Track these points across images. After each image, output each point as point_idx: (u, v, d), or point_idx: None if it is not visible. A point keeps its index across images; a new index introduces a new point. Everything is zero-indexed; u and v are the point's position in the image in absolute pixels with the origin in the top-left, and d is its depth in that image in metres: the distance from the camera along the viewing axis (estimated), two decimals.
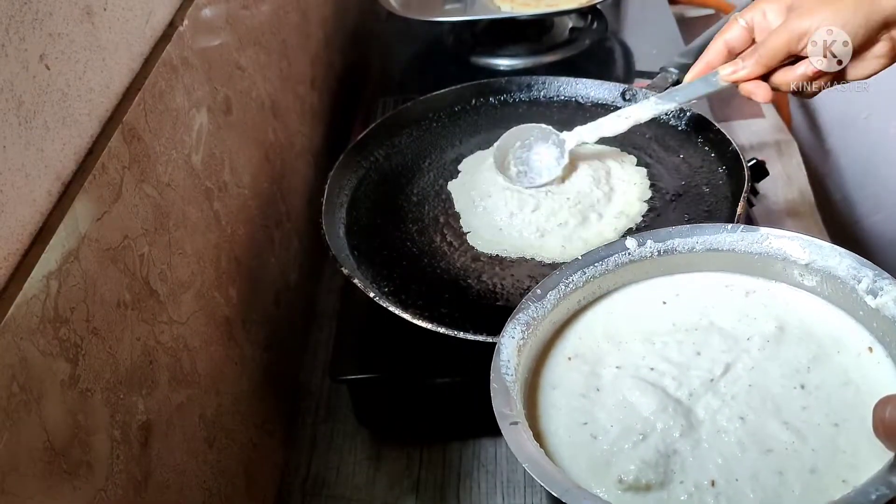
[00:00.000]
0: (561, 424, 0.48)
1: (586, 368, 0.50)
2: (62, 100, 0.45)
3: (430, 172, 0.80)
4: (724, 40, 0.65)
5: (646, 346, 0.50)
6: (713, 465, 0.44)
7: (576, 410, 0.48)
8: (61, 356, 0.41)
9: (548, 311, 0.51)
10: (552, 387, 0.50)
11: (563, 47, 1.04)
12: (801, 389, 0.47)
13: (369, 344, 0.70)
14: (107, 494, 0.44)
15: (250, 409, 0.66)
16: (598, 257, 0.53)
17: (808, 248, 0.51)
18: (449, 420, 0.72)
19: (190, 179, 0.58)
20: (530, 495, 0.67)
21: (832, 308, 0.50)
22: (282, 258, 0.78)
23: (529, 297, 0.51)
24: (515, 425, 0.44)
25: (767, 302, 0.52)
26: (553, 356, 0.51)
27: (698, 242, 0.53)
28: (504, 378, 0.47)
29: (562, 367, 0.51)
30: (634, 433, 0.46)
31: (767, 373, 0.47)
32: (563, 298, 0.51)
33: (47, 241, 0.41)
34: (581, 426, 0.47)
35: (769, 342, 0.49)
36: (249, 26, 0.75)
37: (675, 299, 0.53)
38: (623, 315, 0.53)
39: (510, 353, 0.48)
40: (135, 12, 0.54)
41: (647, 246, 0.53)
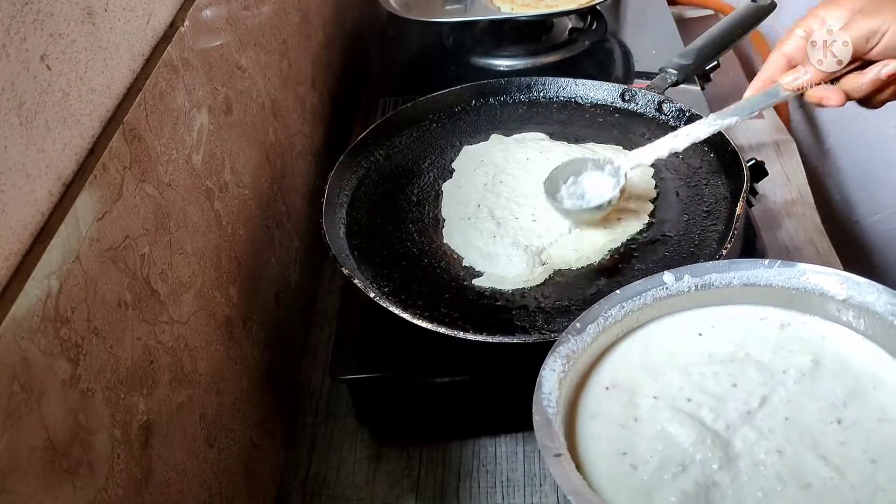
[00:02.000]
0: (601, 455, 0.48)
1: (624, 398, 0.50)
2: (63, 100, 0.45)
3: (430, 173, 0.80)
4: (782, 52, 0.63)
5: (682, 377, 0.50)
6: (753, 498, 0.44)
7: (615, 440, 0.48)
8: (62, 356, 0.41)
9: (587, 343, 0.51)
10: (591, 416, 0.50)
11: (562, 48, 1.04)
12: (837, 424, 0.46)
13: (369, 344, 0.70)
14: (107, 494, 0.44)
15: (251, 409, 0.66)
16: (636, 292, 0.54)
17: (846, 283, 0.51)
18: (449, 420, 0.72)
19: (191, 179, 0.59)
20: (530, 494, 0.68)
21: (869, 343, 0.50)
22: (282, 258, 0.78)
23: (570, 330, 0.52)
24: (559, 457, 0.45)
25: (803, 335, 0.52)
26: (591, 386, 0.52)
27: (735, 277, 0.53)
28: (546, 410, 0.47)
29: (600, 396, 0.51)
30: (674, 464, 0.46)
31: (804, 406, 0.47)
32: (602, 332, 0.52)
33: (48, 241, 0.41)
34: (621, 456, 0.47)
35: (805, 376, 0.49)
36: (250, 27, 0.76)
37: (710, 331, 0.53)
38: (659, 346, 0.53)
39: (551, 385, 0.48)
40: (136, 13, 0.54)
41: (684, 281, 0.54)
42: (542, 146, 0.80)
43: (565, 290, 0.65)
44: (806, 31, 0.62)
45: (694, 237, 0.68)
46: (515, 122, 0.86)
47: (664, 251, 0.68)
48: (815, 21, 0.61)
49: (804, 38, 0.62)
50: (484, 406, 0.70)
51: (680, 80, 0.85)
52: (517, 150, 0.80)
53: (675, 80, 0.85)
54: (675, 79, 0.84)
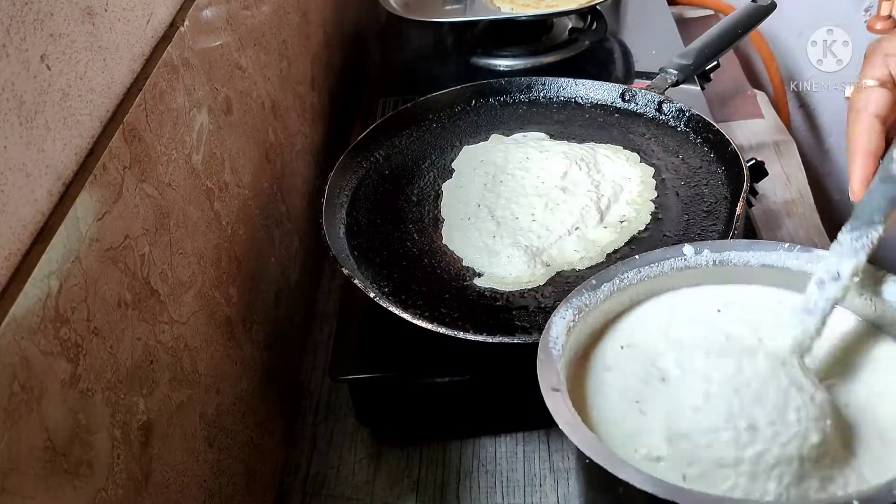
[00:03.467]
0: (610, 400, 0.49)
1: (643, 358, 0.51)
2: (63, 100, 0.45)
3: (429, 173, 0.80)
4: (869, 116, 0.51)
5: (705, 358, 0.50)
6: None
7: (629, 390, 0.49)
8: (62, 356, 0.41)
9: (600, 300, 0.52)
10: (605, 369, 0.51)
11: (562, 48, 1.04)
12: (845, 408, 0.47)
13: (369, 344, 0.70)
14: (107, 494, 0.44)
15: (250, 409, 0.66)
16: (655, 259, 0.54)
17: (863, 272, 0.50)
18: (449, 420, 0.72)
19: (190, 179, 0.59)
20: (530, 494, 0.68)
21: (874, 330, 0.51)
22: (282, 258, 0.78)
23: (584, 285, 0.53)
24: (556, 392, 0.46)
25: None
26: (604, 343, 0.53)
27: (753, 258, 0.54)
28: (551, 351, 0.48)
29: (615, 353, 0.52)
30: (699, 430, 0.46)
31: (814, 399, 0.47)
32: (615, 292, 0.53)
33: (48, 241, 0.41)
34: (633, 403, 0.48)
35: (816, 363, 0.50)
36: (250, 27, 0.76)
37: (727, 308, 0.54)
38: (680, 317, 0.54)
39: (559, 331, 0.50)
40: (135, 13, 0.54)
41: (703, 255, 0.54)
42: (543, 146, 0.80)
43: (566, 291, 0.65)
44: (880, 79, 0.52)
45: (694, 237, 0.68)
46: (515, 122, 0.86)
47: None
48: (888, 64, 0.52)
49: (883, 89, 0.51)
50: (484, 406, 0.70)
51: (680, 80, 0.85)
52: (517, 150, 0.80)
53: (676, 80, 0.85)
54: (675, 79, 0.84)
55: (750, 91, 1.12)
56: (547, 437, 0.71)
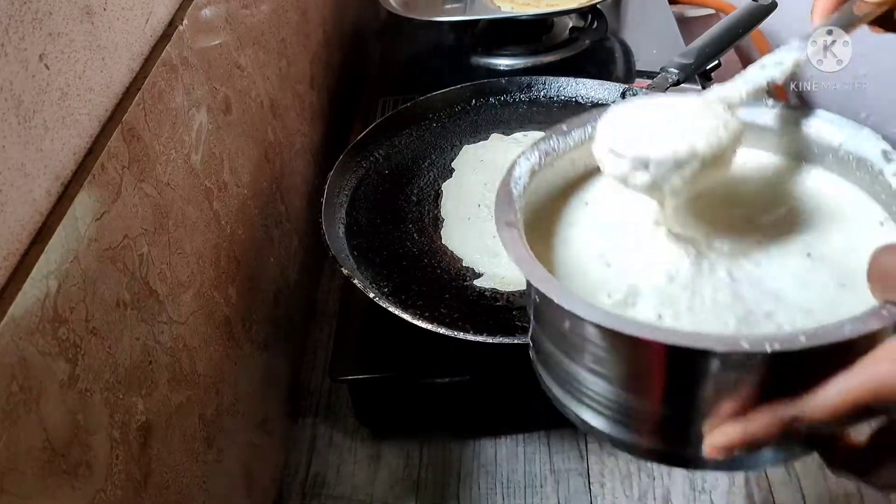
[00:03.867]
0: (572, 253, 0.48)
1: (609, 212, 0.51)
2: (62, 99, 0.44)
3: (429, 172, 0.80)
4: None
5: (678, 210, 0.50)
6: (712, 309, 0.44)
7: (595, 243, 0.49)
8: (60, 356, 0.41)
9: (569, 147, 0.51)
10: (569, 224, 0.50)
11: (563, 47, 1.03)
12: (807, 257, 0.46)
13: (369, 344, 0.70)
14: (106, 494, 0.44)
15: (250, 409, 0.66)
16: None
17: (844, 129, 0.50)
18: (449, 420, 0.72)
19: (189, 179, 0.58)
20: (530, 496, 0.67)
21: (853, 187, 0.50)
22: (281, 258, 0.78)
23: (554, 129, 0.52)
24: (511, 226, 0.45)
25: (797, 181, 0.52)
26: (571, 200, 0.52)
27: (738, 113, 0.52)
28: (511, 190, 0.47)
29: (580, 210, 0.51)
30: (656, 271, 0.46)
31: (780, 245, 0.47)
32: (587, 139, 0.51)
33: (46, 241, 0.41)
34: (597, 256, 0.48)
35: (785, 218, 0.49)
36: (249, 26, 0.75)
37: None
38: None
39: (523, 171, 0.49)
40: (134, 12, 0.54)
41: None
42: None
43: None
44: None
45: None
46: (515, 121, 0.85)
47: None
48: None
49: None
50: (484, 407, 0.70)
51: (681, 80, 0.85)
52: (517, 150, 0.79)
53: (676, 80, 0.84)
54: (676, 78, 0.84)
55: None
56: (547, 438, 0.71)
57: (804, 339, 0.36)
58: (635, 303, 0.44)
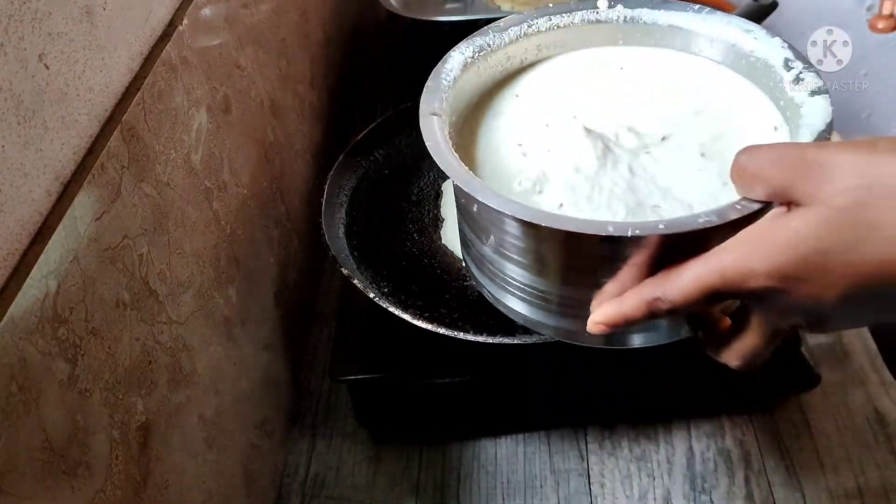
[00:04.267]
0: (494, 143, 0.50)
1: (533, 107, 0.52)
2: (61, 99, 0.44)
3: (429, 172, 0.80)
4: None
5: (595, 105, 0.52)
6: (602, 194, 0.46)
7: (514, 134, 0.51)
8: (60, 356, 0.41)
9: (504, 43, 0.53)
10: (496, 114, 0.52)
11: None
12: (701, 157, 0.49)
13: (369, 344, 0.70)
14: (105, 495, 0.44)
15: (249, 410, 0.66)
16: (567, 9, 0.55)
17: (758, 37, 0.53)
18: (449, 420, 0.72)
19: (189, 179, 0.58)
20: (530, 496, 0.67)
21: (759, 92, 0.52)
22: (281, 258, 0.78)
23: (491, 26, 0.53)
24: (435, 116, 0.46)
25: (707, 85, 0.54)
26: (502, 92, 0.54)
27: (662, 17, 0.55)
28: (441, 81, 0.49)
29: (509, 101, 0.53)
30: (562, 158, 0.48)
31: (679, 144, 0.50)
32: (522, 37, 0.54)
33: (46, 241, 0.41)
34: (516, 146, 0.50)
35: (692, 121, 0.51)
36: (249, 25, 0.75)
37: (630, 67, 0.55)
38: (580, 70, 0.54)
39: (455, 64, 0.51)
40: (134, 12, 0.54)
41: (616, 9, 0.55)
42: None
43: None
44: None
45: None
46: None
47: None
48: None
49: None
50: (484, 407, 0.70)
51: None
52: None
53: None
54: None
55: None
56: (547, 438, 0.71)
57: (662, 227, 0.39)
58: (542, 190, 0.47)
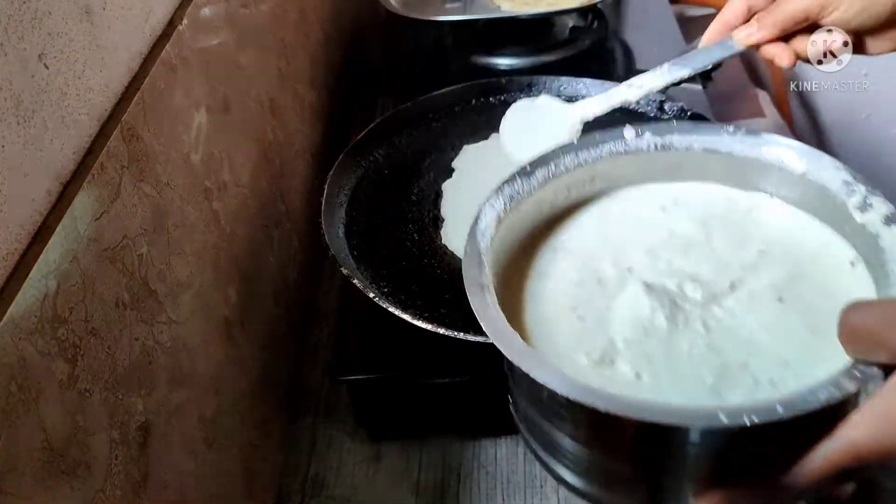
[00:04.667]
0: (544, 309, 0.47)
1: (578, 262, 0.49)
2: (61, 99, 0.44)
3: (429, 172, 0.80)
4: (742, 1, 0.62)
5: (650, 257, 0.48)
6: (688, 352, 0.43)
7: (566, 296, 0.47)
8: (60, 356, 0.41)
9: (534, 188, 0.49)
10: (538, 276, 0.48)
11: (563, 47, 1.03)
12: (779, 302, 0.45)
13: (369, 344, 0.70)
14: (105, 495, 0.44)
15: (249, 410, 0.66)
16: (593, 142, 0.51)
17: (805, 157, 0.49)
18: (449, 420, 0.72)
19: (189, 179, 0.58)
20: (530, 496, 0.67)
21: (819, 223, 0.49)
22: (281, 258, 0.78)
23: (517, 171, 0.50)
24: (483, 290, 0.43)
25: (762, 220, 0.50)
26: (540, 246, 0.50)
27: (696, 141, 0.51)
28: (479, 244, 0.45)
29: (549, 258, 0.49)
30: (628, 322, 0.45)
31: (751, 291, 0.46)
32: (551, 178, 0.50)
33: (46, 241, 0.41)
34: (569, 310, 0.46)
35: (757, 263, 0.48)
36: (248, 25, 0.75)
37: (673, 207, 0.51)
38: (619, 219, 0.51)
39: (489, 222, 0.47)
40: (134, 11, 0.54)
41: (644, 138, 0.51)
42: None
43: None
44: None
45: None
46: None
47: None
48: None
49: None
50: (484, 407, 0.70)
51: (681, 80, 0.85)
52: None
53: None
54: None
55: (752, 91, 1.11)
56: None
57: (781, 410, 0.35)
58: (613, 361, 0.43)
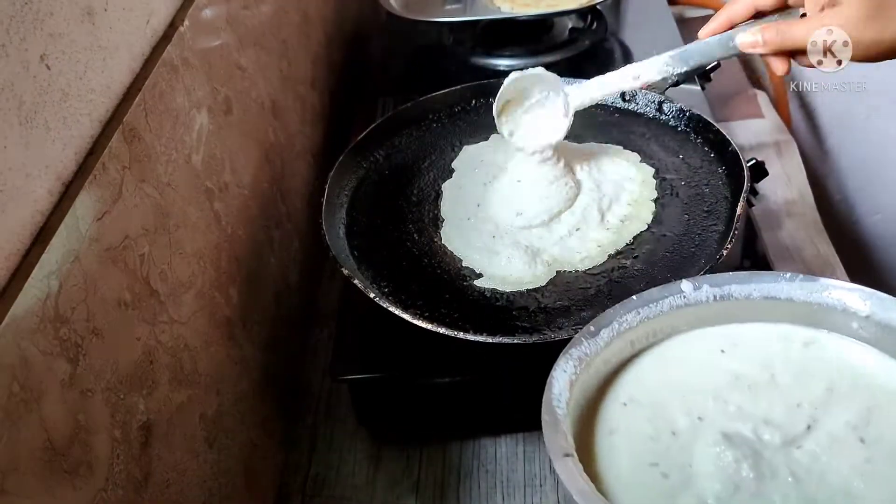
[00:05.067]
0: (623, 467, 0.47)
1: (646, 413, 0.49)
2: (63, 100, 0.45)
3: (429, 173, 0.80)
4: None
5: (716, 402, 0.49)
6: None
7: (643, 453, 0.47)
8: (62, 356, 0.41)
9: (600, 348, 0.50)
10: (609, 432, 0.49)
11: (562, 48, 1.03)
12: (861, 443, 0.46)
13: (369, 344, 0.70)
14: (107, 494, 0.44)
15: (250, 409, 0.66)
16: (653, 298, 0.52)
17: (869, 300, 0.50)
18: (449, 420, 0.72)
19: (190, 179, 0.58)
20: (530, 495, 0.67)
21: (888, 359, 0.49)
22: (282, 258, 0.78)
23: (583, 333, 0.50)
24: (568, 457, 0.44)
25: (824, 355, 0.50)
26: (606, 402, 0.50)
27: (755, 290, 0.51)
28: (556, 411, 0.46)
29: (617, 412, 0.50)
30: (711, 476, 0.45)
31: (829, 432, 0.47)
32: (616, 337, 0.51)
33: (48, 241, 0.41)
34: (649, 466, 0.46)
35: (827, 400, 0.48)
36: (250, 26, 0.75)
37: (733, 349, 0.52)
38: (680, 363, 0.52)
39: (562, 386, 0.47)
40: (135, 13, 0.54)
41: (703, 290, 0.52)
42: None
43: (566, 291, 0.65)
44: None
45: (694, 237, 0.68)
46: None
47: (664, 251, 0.67)
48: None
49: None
50: (484, 406, 0.70)
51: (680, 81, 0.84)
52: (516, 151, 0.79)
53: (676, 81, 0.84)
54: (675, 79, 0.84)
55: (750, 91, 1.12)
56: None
57: None
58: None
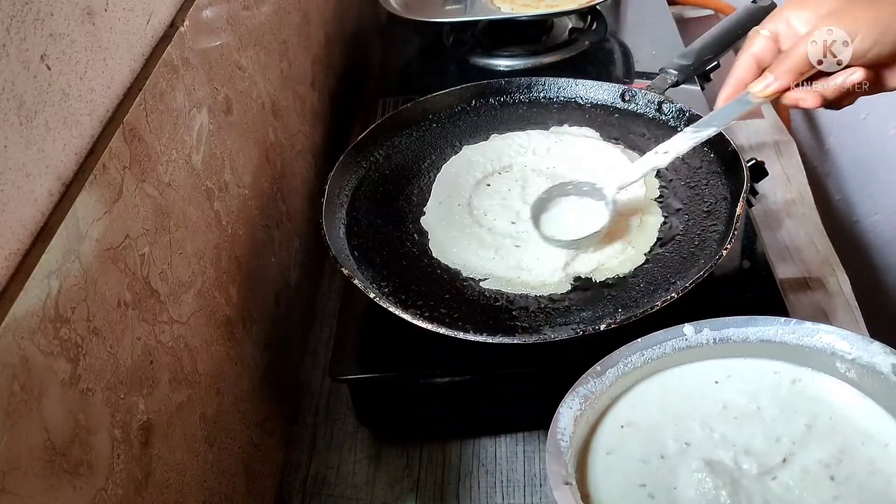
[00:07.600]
0: (615, 486, 0.50)
1: (642, 436, 0.53)
2: (63, 100, 0.45)
3: (429, 173, 0.80)
4: (750, 55, 0.62)
5: (704, 430, 0.53)
6: None
7: (634, 474, 0.50)
8: (62, 356, 0.41)
9: (606, 386, 0.54)
10: (606, 452, 0.52)
11: (562, 48, 1.04)
12: (831, 480, 0.49)
13: (369, 344, 0.70)
14: (107, 494, 0.44)
15: (251, 409, 0.66)
16: (657, 341, 0.56)
17: (856, 344, 0.53)
18: (449, 420, 0.72)
19: (190, 179, 0.59)
20: (530, 494, 0.68)
21: (868, 401, 0.53)
22: (282, 258, 0.78)
23: (590, 373, 0.54)
24: (568, 486, 0.47)
25: (810, 393, 0.54)
26: (605, 424, 0.54)
27: (752, 333, 0.56)
28: (559, 443, 0.49)
29: (615, 434, 0.53)
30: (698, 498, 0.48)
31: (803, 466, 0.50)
32: (620, 377, 0.55)
33: (48, 241, 0.41)
34: (639, 487, 0.50)
35: (806, 436, 0.52)
36: (250, 27, 0.76)
37: (726, 380, 0.56)
38: (676, 390, 0.55)
39: (567, 422, 0.51)
40: (136, 13, 0.54)
41: (703, 334, 0.56)
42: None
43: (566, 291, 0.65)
44: (771, 31, 0.62)
45: (694, 237, 0.68)
46: (515, 122, 0.86)
47: (664, 251, 0.68)
48: (780, 22, 0.61)
49: (770, 40, 0.62)
50: (484, 406, 0.70)
51: (680, 81, 0.85)
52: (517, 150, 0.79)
53: (676, 81, 0.84)
54: (675, 79, 0.84)
55: None
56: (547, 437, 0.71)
57: None
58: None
